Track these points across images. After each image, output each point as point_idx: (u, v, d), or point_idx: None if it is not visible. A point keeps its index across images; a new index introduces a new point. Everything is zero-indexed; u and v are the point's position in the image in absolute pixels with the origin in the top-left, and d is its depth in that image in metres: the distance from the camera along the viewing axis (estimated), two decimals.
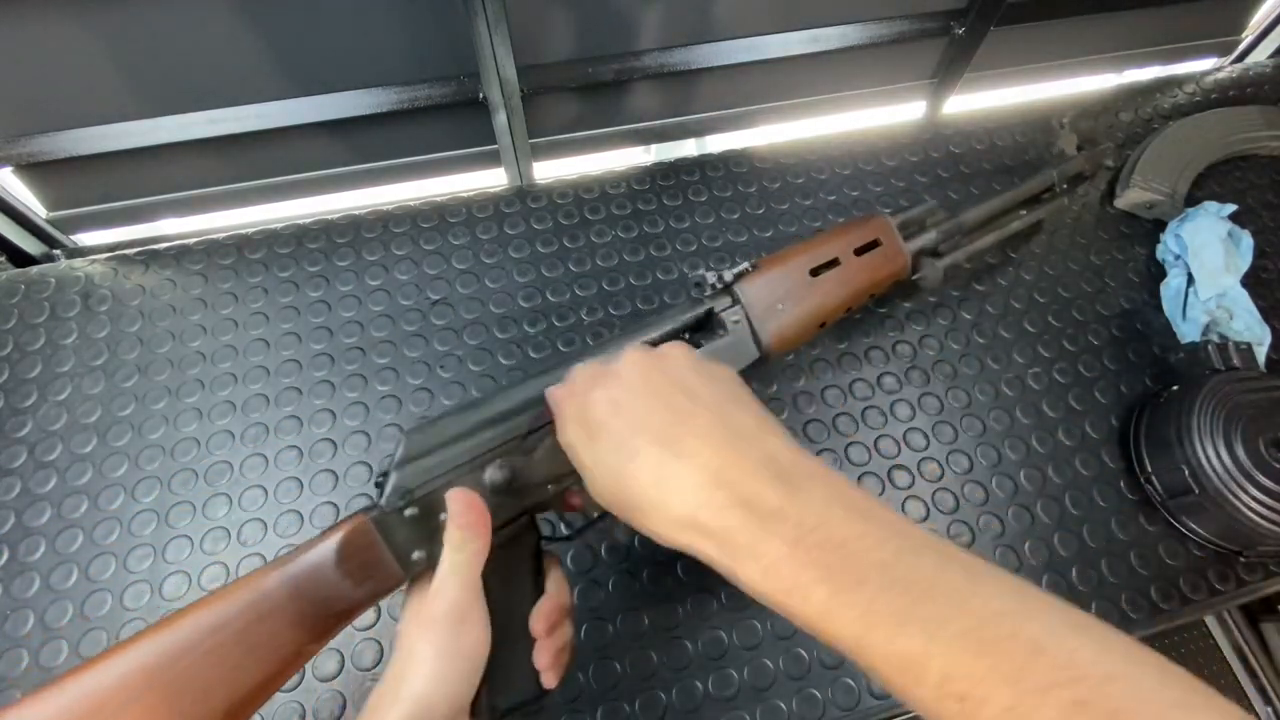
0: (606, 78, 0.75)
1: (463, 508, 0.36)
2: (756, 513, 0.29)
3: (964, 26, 0.81)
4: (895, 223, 0.56)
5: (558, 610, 0.39)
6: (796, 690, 0.52)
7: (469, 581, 0.35)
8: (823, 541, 0.28)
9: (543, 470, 0.40)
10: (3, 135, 0.65)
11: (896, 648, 0.25)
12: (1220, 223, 0.71)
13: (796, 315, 0.50)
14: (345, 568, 0.34)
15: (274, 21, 0.64)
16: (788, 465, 0.30)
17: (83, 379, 0.63)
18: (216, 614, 0.32)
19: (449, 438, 0.39)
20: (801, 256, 0.51)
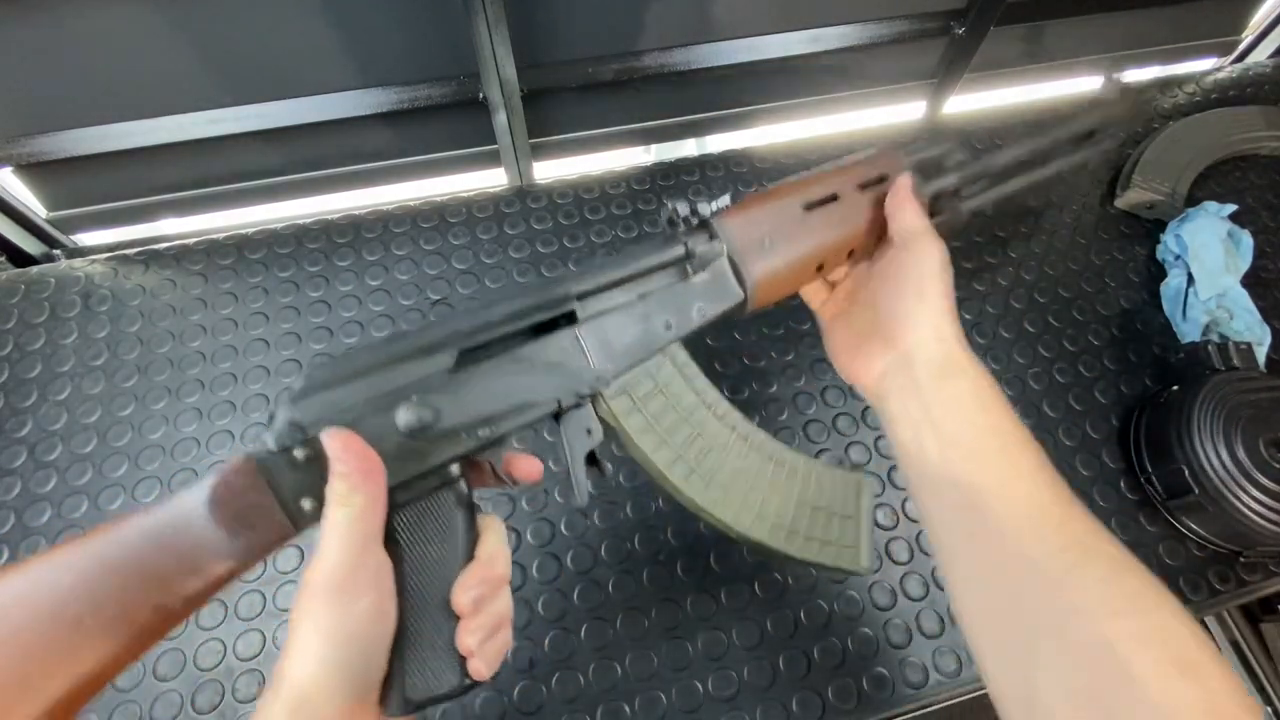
0: (606, 78, 0.75)
1: (341, 450, 0.30)
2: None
3: (964, 26, 0.81)
4: (909, 161, 0.48)
5: (486, 581, 0.33)
6: (796, 690, 0.52)
7: (355, 542, 0.29)
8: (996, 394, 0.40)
9: (474, 410, 0.34)
10: (3, 135, 0.65)
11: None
12: (1220, 223, 0.71)
13: (787, 254, 0.43)
14: (219, 515, 0.28)
15: (274, 22, 0.64)
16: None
17: (83, 379, 0.63)
18: (54, 568, 0.26)
19: (358, 369, 0.32)
20: (793, 192, 0.44)
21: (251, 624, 0.53)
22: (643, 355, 0.40)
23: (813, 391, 0.65)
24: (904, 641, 0.54)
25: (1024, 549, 0.32)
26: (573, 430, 0.38)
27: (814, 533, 0.43)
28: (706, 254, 0.41)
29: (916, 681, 0.53)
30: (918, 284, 0.41)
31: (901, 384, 0.40)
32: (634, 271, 0.40)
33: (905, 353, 0.40)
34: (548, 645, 0.53)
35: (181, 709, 0.50)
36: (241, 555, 0.29)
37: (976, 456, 0.36)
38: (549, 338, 0.37)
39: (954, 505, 0.36)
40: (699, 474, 0.41)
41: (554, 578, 0.55)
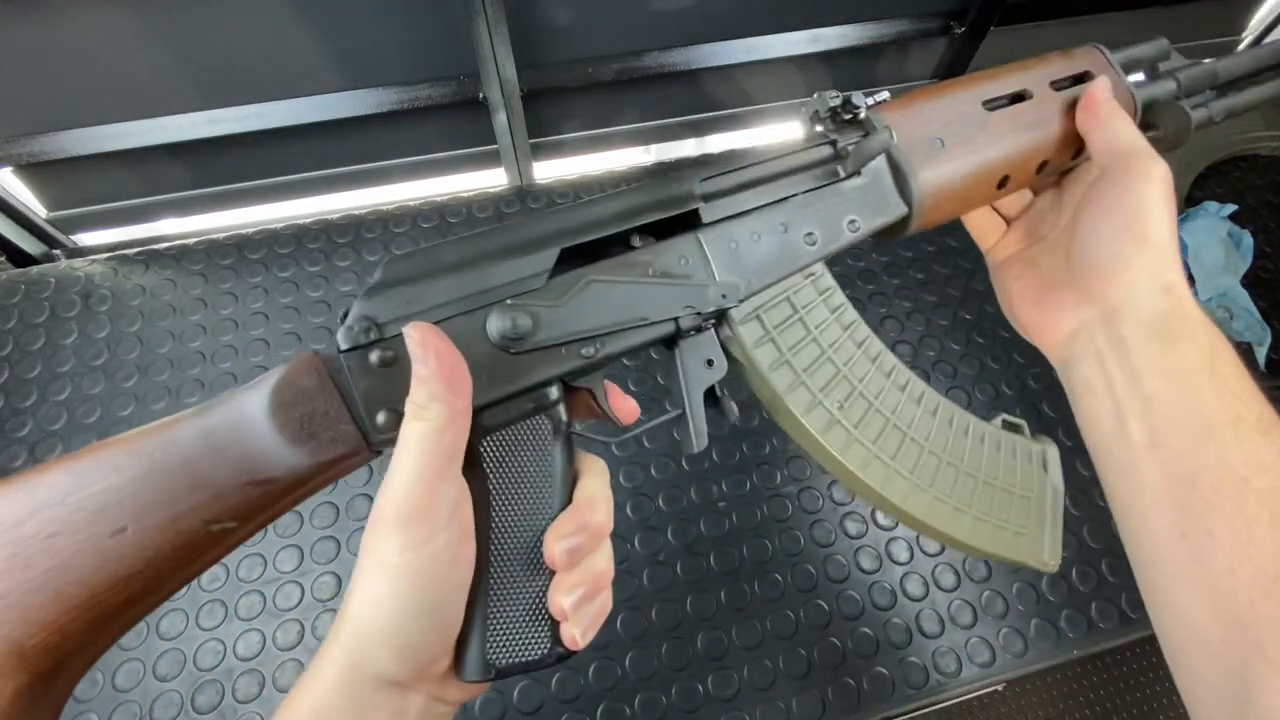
0: (606, 78, 0.75)
1: (420, 348, 0.24)
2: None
3: (964, 26, 0.81)
4: (1115, 57, 0.39)
5: (585, 529, 0.27)
6: (797, 690, 0.52)
7: (431, 464, 0.24)
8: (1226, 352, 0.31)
9: (577, 322, 0.29)
10: (3, 135, 0.65)
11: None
12: (1220, 223, 0.71)
13: (963, 160, 0.35)
14: (281, 419, 0.24)
15: (274, 22, 0.64)
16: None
17: (83, 379, 0.63)
18: (98, 466, 0.23)
19: (446, 264, 0.27)
20: (972, 85, 0.36)
21: (251, 624, 0.53)
22: (779, 273, 0.33)
23: None
24: (904, 641, 0.54)
25: (1257, 557, 0.26)
26: (691, 359, 0.32)
27: (986, 512, 0.35)
28: (861, 153, 0.34)
29: (916, 681, 0.53)
30: (1131, 218, 0.32)
31: (1101, 346, 0.32)
32: (773, 171, 0.33)
33: (1111, 308, 0.32)
34: None
35: (181, 709, 0.50)
36: (306, 469, 0.25)
37: (1202, 447, 0.28)
38: (668, 242, 0.31)
39: (1161, 499, 0.29)
40: (843, 425, 0.34)
41: None
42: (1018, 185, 0.37)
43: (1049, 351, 0.36)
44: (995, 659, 0.54)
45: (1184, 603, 0.28)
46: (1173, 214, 0.32)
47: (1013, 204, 0.41)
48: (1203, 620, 0.27)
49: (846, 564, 0.57)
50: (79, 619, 0.22)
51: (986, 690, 0.57)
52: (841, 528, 0.58)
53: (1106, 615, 0.57)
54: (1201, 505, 0.28)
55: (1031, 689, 1.13)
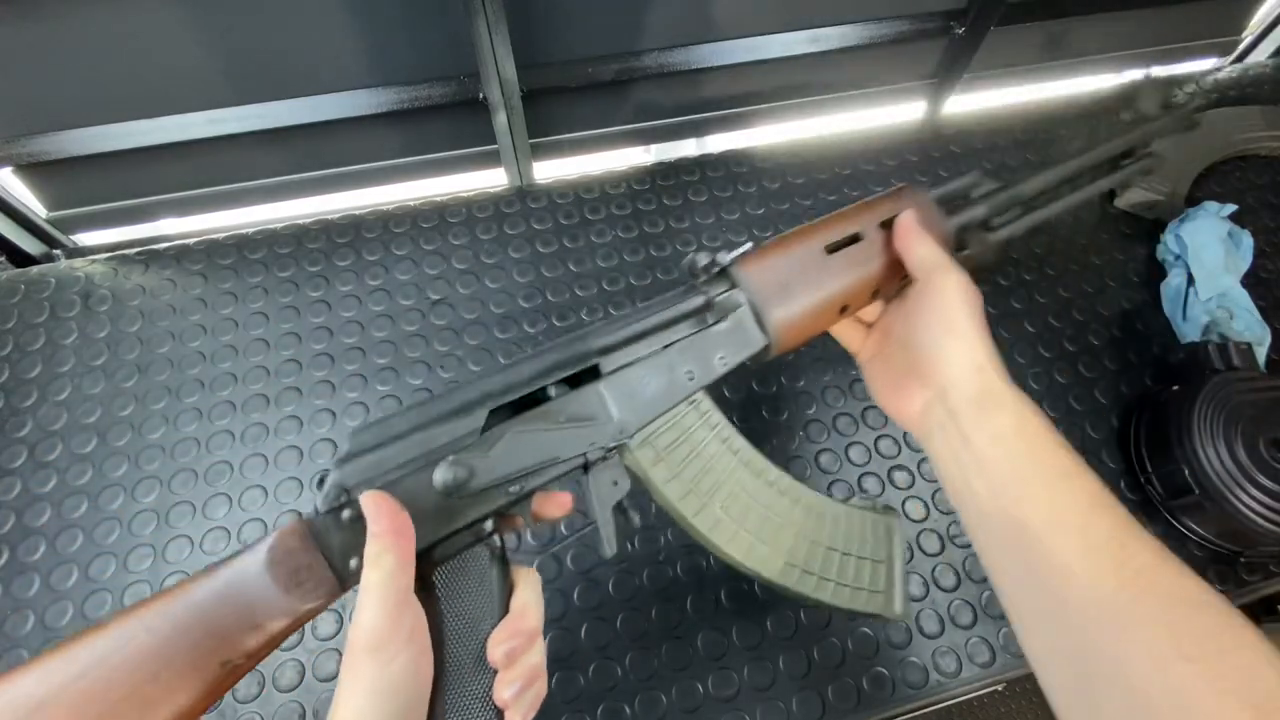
0: (606, 78, 0.75)
1: (374, 512, 0.31)
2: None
3: (964, 26, 0.81)
4: (932, 196, 0.47)
5: (519, 633, 0.34)
6: (796, 690, 0.52)
7: (389, 602, 0.30)
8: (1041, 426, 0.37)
9: (504, 467, 0.36)
10: (3, 135, 0.65)
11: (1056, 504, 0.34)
12: (1220, 223, 0.71)
13: (808, 298, 0.42)
14: (275, 573, 0.31)
15: (274, 22, 0.64)
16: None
17: (83, 379, 0.63)
18: (131, 629, 0.29)
19: (397, 433, 0.34)
20: (814, 234, 0.43)
21: None
22: (666, 405, 0.40)
23: (813, 391, 0.65)
24: (904, 641, 0.54)
25: (1081, 590, 0.31)
26: (599, 482, 0.38)
27: (846, 578, 0.43)
28: (726, 303, 0.42)
29: (916, 681, 0.53)
30: (942, 316, 0.40)
31: (942, 420, 0.39)
32: (656, 324, 0.41)
33: (941, 388, 0.39)
34: (548, 645, 0.53)
35: None
36: (295, 612, 0.31)
37: (1024, 494, 0.34)
38: (575, 393, 0.38)
39: (1007, 544, 0.35)
40: (726, 521, 0.41)
41: (554, 578, 0.55)
42: (855, 310, 0.45)
43: (912, 430, 0.42)
44: (995, 659, 0.54)
45: (1040, 641, 0.33)
46: (975, 310, 0.40)
47: (871, 311, 0.48)
48: (1054, 651, 0.33)
49: None
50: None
51: (986, 690, 0.57)
52: None
53: None
54: (1031, 543, 0.33)
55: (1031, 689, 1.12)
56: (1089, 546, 0.32)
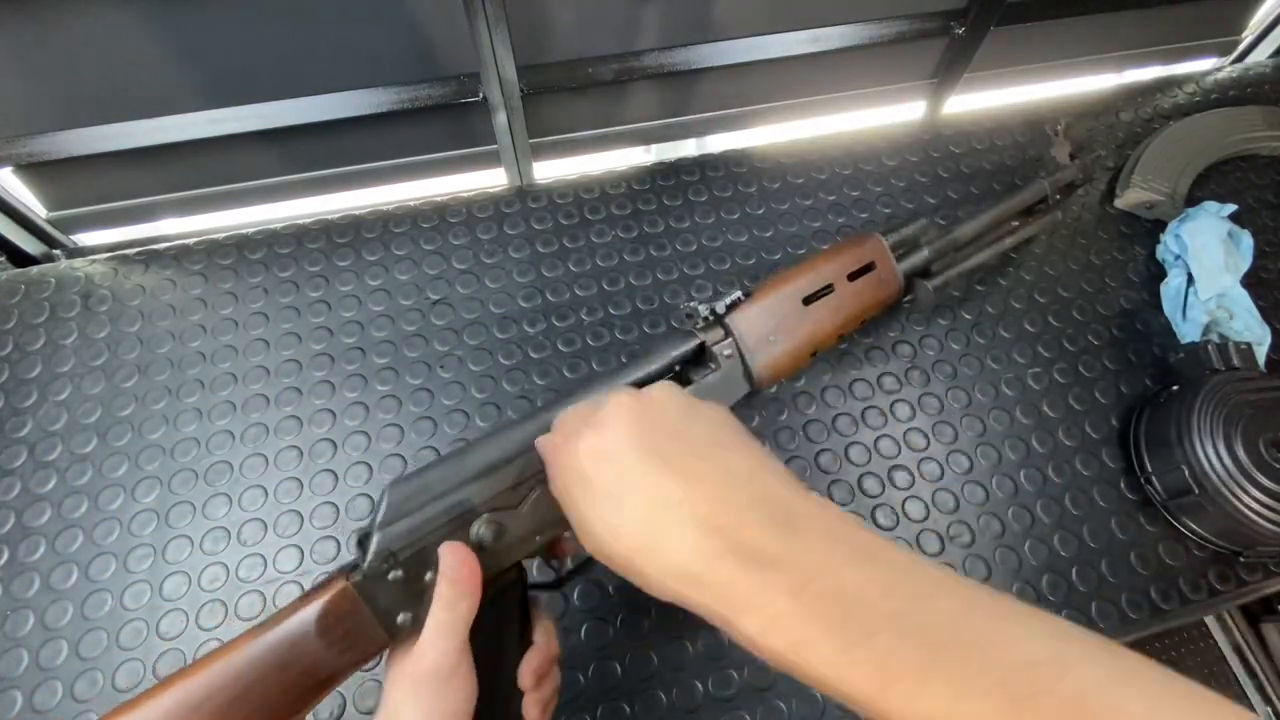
0: (606, 78, 0.75)
1: (455, 565, 0.35)
2: (753, 561, 0.26)
3: (964, 26, 0.81)
4: (889, 243, 0.55)
5: (546, 661, 0.39)
6: (797, 690, 0.52)
7: (459, 640, 0.34)
8: (826, 591, 0.25)
9: (531, 522, 0.39)
10: (3, 135, 0.65)
11: (919, 709, 0.23)
12: (1220, 223, 0.71)
13: (789, 346, 0.48)
14: (329, 637, 0.33)
15: (274, 21, 0.64)
16: (785, 507, 0.28)
17: (83, 379, 0.63)
18: (197, 689, 0.31)
19: (433, 494, 0.37)
20: (795, 283, 0.50)
21: (251, 624, 0.53)
22: None
23: (813, 392, 0.65)
24: None
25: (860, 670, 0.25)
26: None
27: None
28: (720, 352, 0.46)
29: None
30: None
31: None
32: (657, 370, 0.45)
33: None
34: None
35: None
36: (347, 667, 0.34)
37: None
38: None
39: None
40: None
41: None
42: (823, 350, 0.52)
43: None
44: None
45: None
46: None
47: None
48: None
49: None
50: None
51: None
52: None
53: (1106, 615, 0.57)
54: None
55: None
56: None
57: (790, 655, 0.25)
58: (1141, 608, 0.57)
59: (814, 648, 0.25)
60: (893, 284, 0.55)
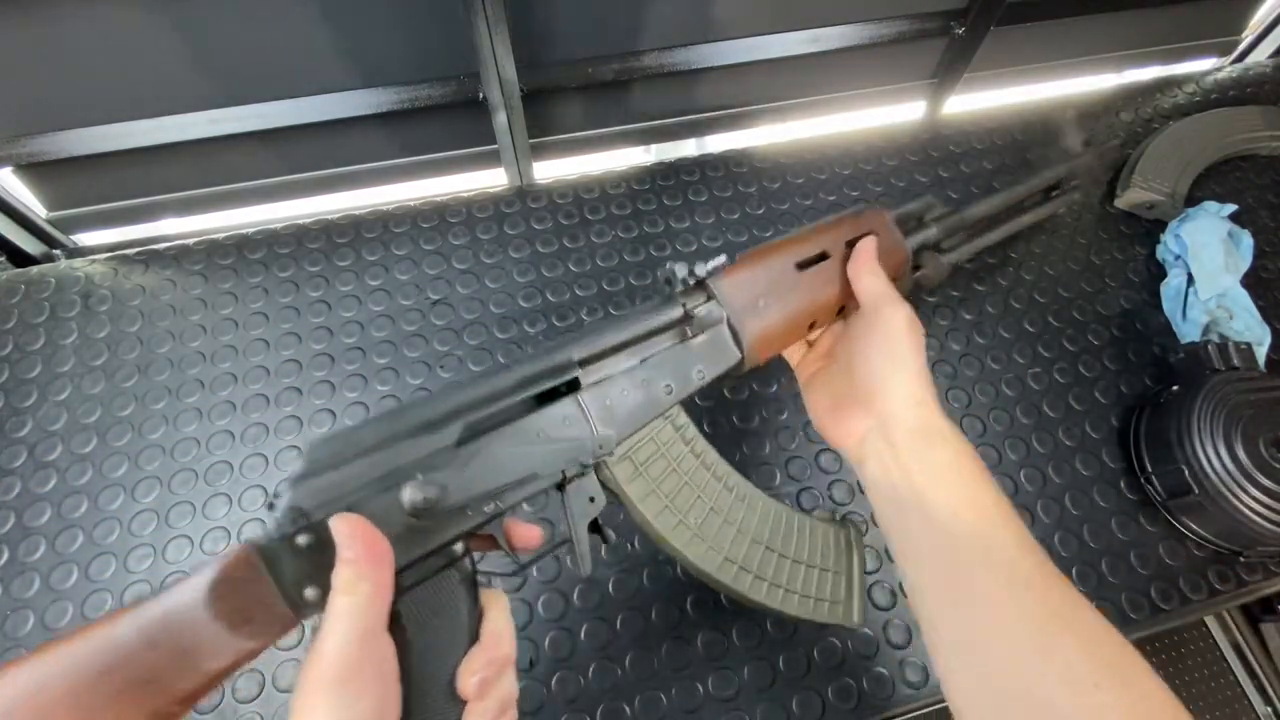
0: (606, 78, 0.75)
1: (349, 537, 0.28)
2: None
3: (964, 26, 0.81)
4: (891, 216, 0.50)
5: (492, 662, 0.32)
6: (796, 690, 0.52)
7: (360, 632, 0.27)
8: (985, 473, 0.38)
9: (479, 485, 0.33)
10: (3, 135, 0.65)
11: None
12: (1220, 223, 0.71)
13: (780, 313, 0.44)
14: (219, 608, 0.27)
15: (274, 22, 0.64)
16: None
17: (83, 379, 0.63)
18: (40, 675, 0.24)
19: (361, 448, 0.31)
20: (785, 250, 0.46)
21: None
22: (646, 419, 0.40)
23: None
24: (904, 641, 0.54)
25: (1007, 622, 0.33)
26: (576, 499, 0.38)
27: (809, 589, 0.44)
28: (705, 317, 0.42)
29: (916, 681, 0.53)
30: (886, 346, 0.41)
31: (879, 450, 0.40)
32: (635, 335, 0.40)
33: (882, 418, 0.40)
34: (547, 645, 0.53)
35: None
36: (240, 650, 0.27)
37: (957, 529, 0.36)
38: (552, 406, 0.37)
39: (936, 573, 0.36)
40: (700, 538, 0.42)
41: (554, 578, 0.55)
42: (823, 324, 0.48)
43: (848, 454, 0.44)
44: None
45: (962, 667, 0.34)
46: (919, 345, 0.41)
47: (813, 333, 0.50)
48: (980, 689, 0.33)
49: None
50: None
51: None
52: None
53: (1106, 615, 0.56)
54: (960, 576, 0.35)
55: None
56: (1017, 582, 0.34)
57: (950, 474, 0.37)
58: (1141, 608, 0.57)
59: (972, 472, 0.37)
60: (897, 254, 0.49)
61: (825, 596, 0.45)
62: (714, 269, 0.41)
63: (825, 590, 0.45)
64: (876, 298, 0.43)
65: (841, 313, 0.48)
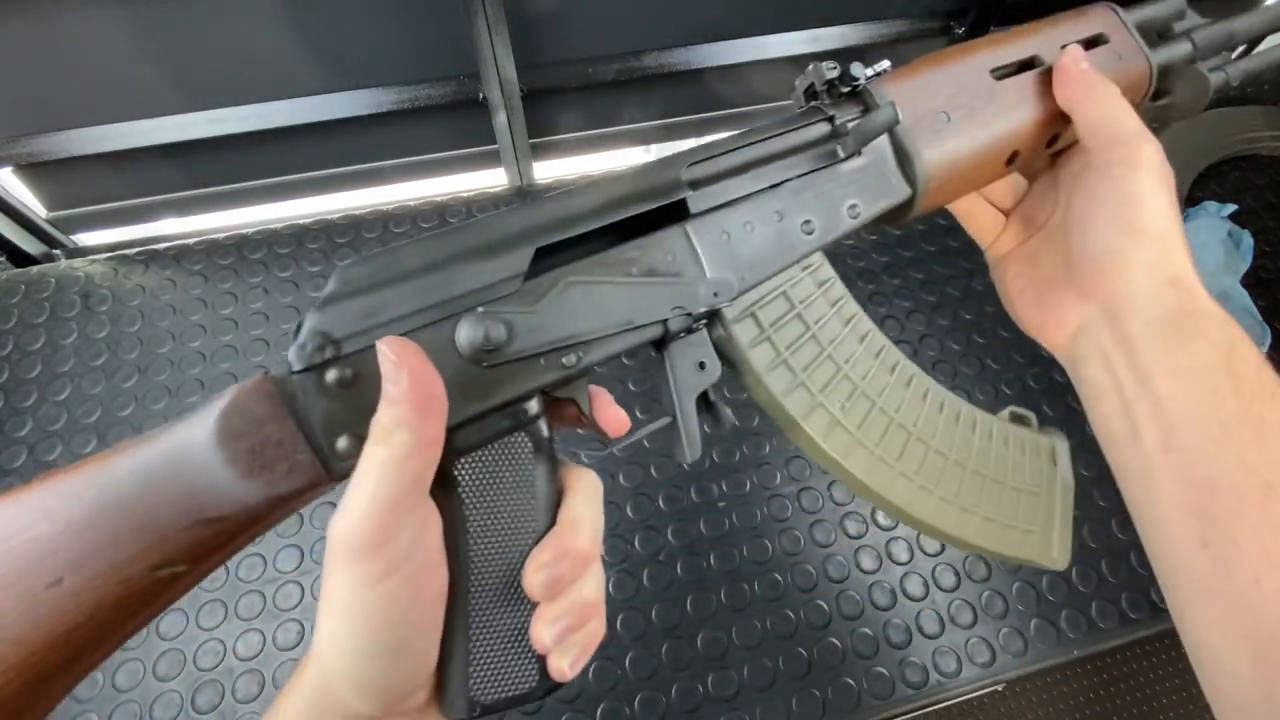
0: (606, 78, 0.75)
1: (395, 366, 0.22)
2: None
3: (964, 26, 0.81)
4: (1129, 17, 0.36)
5: (567, 555, 0.25)
6: (796, 690, 0.52)
7: (392, 495, 0.22)
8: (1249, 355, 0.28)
9: (556, 329, 0.26)
10: (3, 135, 0.65)
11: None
12: (1220, 223, 0.71)
13: (970, 134, 0.32)
14: (230, 450, 0.22)
15: (274, 23, 0.64)
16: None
17: (83, 379, 0.63)
18: (28, 512, 0.21)
19: (406, 269, 0.24)
20: (978, 52, 0.34)
21: (251, 624, 0.53)
22: (775, 266, 0.30)
23: None
24: (904, 641, 0.54)
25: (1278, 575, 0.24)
26: (681, 363, 0.29)
27: (994, 512, 0.33)
28: (864, 130, 0.30)
29: (916, 681, 0.53)
30: (1122, 209, 0.30)
31: (1106, 346, 0.30)
32: (767, 153, 0.30)
33: (1111, 306, 0.30)
34: None
35: (181, 709, 0.50)
36: (260, 504, 0.22)
37: (1217, 450, 0.26)
38: (652, 236, 0.28)
39: (1179, 507, 0.27)
40: (844, 427, 0.32)
41: None
42: (1027, 161, 0.35)
43: (1055, 350, 0.33)
44: (995, 659, 0.54)
45: (1210, 616, 0.26)
46: (1171, 200, 0.29)
47: (1007, 194, 0.38)
48: (1231, 635, 0.26)
49: (846, 564, 0.57)
50: (16, 680, 0.20)
51: (986, 690, 0.57)
52: (841, 527, 0.58)
53: (1106, 615, 0.57)
54: (1223, 513, 0.26)
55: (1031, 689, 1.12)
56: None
57: (1213, 376, 0.27)
58: (1141, 608, 0.57)
59: (1246, 371, 0.27)
60: (1136, 66, 0.35)
61: (1016, 522, 0.33)
62: (877, 72, 0.31)
63: (1016, 514, 0.33)
64: (1108, 133, 0.31)
65: (1052, 145, 0.35)
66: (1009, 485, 0.34)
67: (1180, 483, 0.27)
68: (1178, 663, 1.04)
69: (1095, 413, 0.31)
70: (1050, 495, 0.34)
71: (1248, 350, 0.28)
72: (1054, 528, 0.34)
